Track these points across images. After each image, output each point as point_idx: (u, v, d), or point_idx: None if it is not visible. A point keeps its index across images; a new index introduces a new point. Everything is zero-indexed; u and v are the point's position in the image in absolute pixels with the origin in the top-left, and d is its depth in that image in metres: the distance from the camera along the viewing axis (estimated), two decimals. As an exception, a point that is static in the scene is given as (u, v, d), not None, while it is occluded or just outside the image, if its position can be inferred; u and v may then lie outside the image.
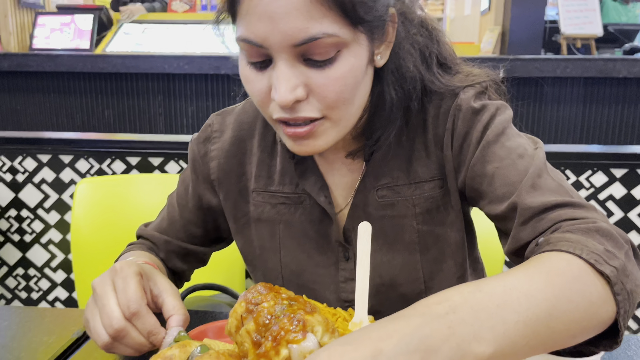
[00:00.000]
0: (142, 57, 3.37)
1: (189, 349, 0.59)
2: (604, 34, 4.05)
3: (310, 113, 0.68)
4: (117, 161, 1.85)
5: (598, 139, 3.30)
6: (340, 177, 0.84)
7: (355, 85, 0.69)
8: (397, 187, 0.81)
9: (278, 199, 0.86)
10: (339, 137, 0.73)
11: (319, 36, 0.64)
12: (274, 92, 0.67)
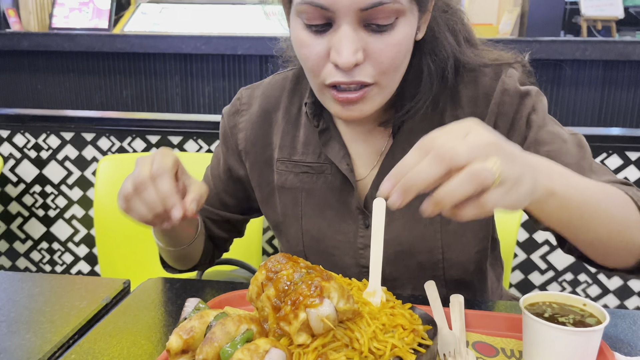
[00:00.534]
0: (159, 37, 3.39)
1: (207, 319, 0.62)
2: (625, 16, 3.97)
3: (365, 78, 0.73)
4: (137, 139, 1.89)
5: (616, 122, 3.26)
6: (364, 147, 0.88)
7: (406, 53, 0.75)
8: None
9: (301, 168, 0.90)
10: (382, 103, 0.78)
11: (385, 1, 0.68)
12: (334, 54, 0.71)
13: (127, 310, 0.82)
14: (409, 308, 0.71)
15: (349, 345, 0.59)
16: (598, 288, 1.86)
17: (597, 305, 0.68)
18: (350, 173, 0.86)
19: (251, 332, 0.57)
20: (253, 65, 3.40)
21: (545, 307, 0.69)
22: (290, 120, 0.91)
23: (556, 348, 0.63)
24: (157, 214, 0.72)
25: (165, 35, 3.45)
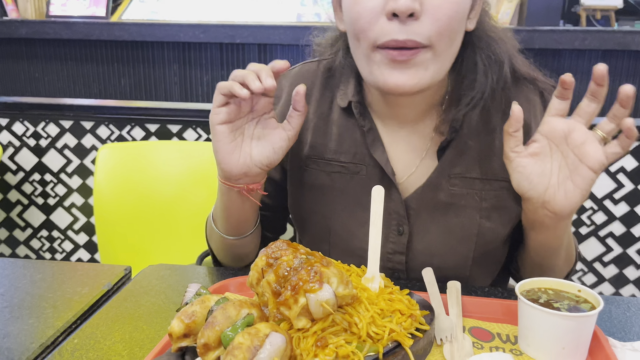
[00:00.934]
0: (157, 25, 3.37)
1: (209, 304, 0.63)
2: (625, 6, 3.95)
3: (419, 37, 0.71)
4: (136, 128, 1.89)
5: (614, 112, 3.27)
6: (403, 151, 0.87)
7: (461, 20, 0.75)
8: (470, 179, 0.85)
9: (333, 168, 0.88)
10: (434, 79, 0.76)
11: None
12: (392, 2, 0.69)
13: (128, 296, 0.83)
14: (407, 294, 0.72)
15: (348, 329, 0.60)
16: (594, 276, 1.87)
17: (592, 291, 0.69)
18: (393, 176, 0.85)
19: (252, 317, 0.58)
20: (252, 54, 3.39)
21: (541, 293, 0.70)
22: (322, 116, 0.89)
23: (551, 333, 0.65)
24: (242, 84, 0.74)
25: (163, 23, 3.43)
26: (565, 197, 0.75)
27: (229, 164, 0.79)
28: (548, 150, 0.76)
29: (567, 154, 0.75)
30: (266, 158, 0.79)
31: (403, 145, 0.87)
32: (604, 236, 1.82)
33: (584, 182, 0.74)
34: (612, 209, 1.79)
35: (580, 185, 0.74)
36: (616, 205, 1.79)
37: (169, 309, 0.79)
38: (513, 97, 0.84)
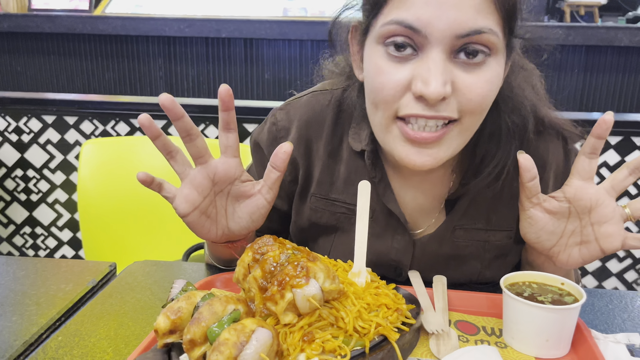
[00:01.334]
0: (141, 19, 3.34)
1: (195, 300, 0.62)
2: (608, 2, 4.00)
3: (450, 113, 0.66)
4: (121, 123, 1.87)
5: (598, 106, 3.31)
6: (411, 199, 0.83)
7: (494, 96, 0.69)
8: (474, 230, 0.82)
9: (339, 208, 0.84)
10: (456, 151, 0.71)
11: (484, 30, 0.63)
12: (419, 84, 0.64)
13: (113, 292, 0.82)
14: (393, 288, 0.72)
15: (334, 324, 0.60)
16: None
17: (575, 284, 0.70)
18: (407, 224, 0.82)
19: (238, 313, 0.58)
20: (238, 49, 3.38)
21: (525, 287, 0.71)
22: (332, 154, 0.84)
23: (535, 325, 0.65)
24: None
25: (147, 17, 3.40)
26: (567, 260, 0.74)
27: (208, 237, 0.76)
28: (567, 213, 0.72)
29: (585, 225, 0.72)
30: (245, 228, 0.75)
31: (413, 193, 0.83)
32: (587, 230, 1.85)
33: (590, 256, 0.73)
34: (595, 203, 1.81)
35: (585, 257, 0.73)
36: (599, 199, 1.81)
37: (154, 306, 0.79)
38: (533, 146, 0.79)
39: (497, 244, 0.83)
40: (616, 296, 0.84)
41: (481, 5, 0.63)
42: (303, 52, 3.35)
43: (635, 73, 3.27)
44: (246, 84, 3.40)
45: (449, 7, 0.62)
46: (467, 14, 0.62)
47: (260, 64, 3.38)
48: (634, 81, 3.25)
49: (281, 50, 3.36)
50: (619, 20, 4.09)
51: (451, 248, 0.83)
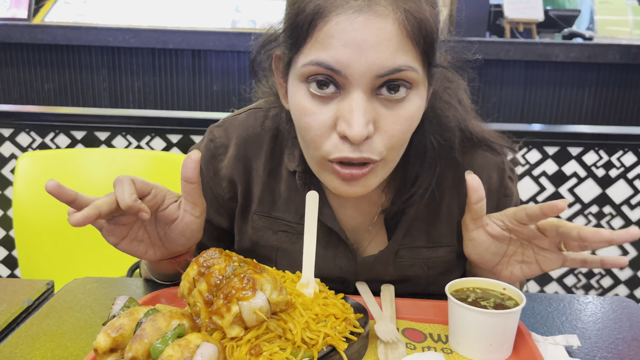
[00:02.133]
0: (84, 28, 3.24)
1: (137, 316, 0.60)
2: (545, 19, 4.20)
3: (373, 155, 0.67)
4: (61, 135, 1.80)
5: (537, 118, 3.47)
6: (350, 217, 0.84)
7: (414, 127, 0.70)
8: (416, 248, 0.83)
9: (280, 226, 0.84)
10: (384, 178, 0.73)
11: (403, 68, 0.64)
12: (343, 126, 0.65)
13: (50, 312, 0.78)
14: (342, 298, 0.72)
15: (282, 336, 0.59)
16: (520, 275, 1.97)
17: (516, 289, 0.72)
18: (347, 240, 0.82)
19: (183, 328, 0.56)
20: (185, 60, 3.33)
21: (469, 292, 0.73)
22: (271, 173, 0.84)
23: (478, 330, 0.67)
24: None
25: (90, 26, 3.30)
26: (509, 276, 0.77)
27: (148, 258, 0.76)
28: (508, 238, 0.75)
29: (526, 248, 0.75)
30: (182, 246, 0.75)
31: (351, 210, 0.84)
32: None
33: (531, 273, 0.76)
34: (535, 210, 1.89)
35: (527, 274, 0.76)
36: (539, 207, 1.89)
37: (95, 324, 0.76)
38: (467, 160, 0.81)
39: (440, 260, 0.85)
40: (555, 300, 0.88)
41: (399, 44, 0.63)
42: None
43: (571, 87, 3.44)
44: (194, 96, 3.35)
45: (367, 48, 0.62)
46: (386, 54, 0.63)
47: (208, 75, 3.34)
48: (570, 94, 3.43)
49: (230, 62, 3.34)
50: (556, 36, 4.31)
51: (396, 269, 0.84)
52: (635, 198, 1.86)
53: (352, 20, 0.62)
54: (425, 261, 0.84)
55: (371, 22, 0.62)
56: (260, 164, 0.84)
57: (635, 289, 1.96)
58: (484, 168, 0.83)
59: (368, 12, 0.62)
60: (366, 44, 0.62)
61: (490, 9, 3.98)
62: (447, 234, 0.84)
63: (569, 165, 1.84)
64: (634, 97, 3.44)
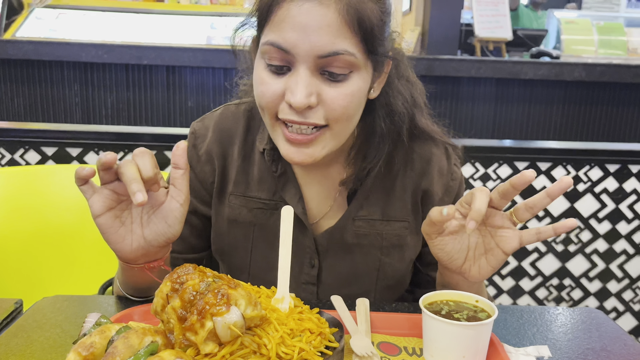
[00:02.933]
0: (56, 44, 3.20)
1: (109, 333, 0.59)
2: (514, 38, 4.33)
3: (317, 120, 0.77)
4: (31, 151, 1.77)
5: (508, 134, 3.55)
6: (317, 191, 0.92)
7: (358, 105, 0.80)
8: (372, 220, 0.91)
9: (255, 204, 0.92)
10: (332, 149, 0.81)
11: (341, 52, 0.74)
12: (289, 95, 0.76)
13: (19, 331, 0.76)
14: (317, 312, 0.72)
15: (257, 351, 0.59)
16: (493, 289, 1.99)
17: (488, 301, 0.73)
18: (304, 216, 0.90)
19: (156, 345, 0.56)
20: (160, 76, 3.31)
21: (443, 305, 0.74)
22: (245, 157, 0.93)
23: (452, 342, 0.68)
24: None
25: (62, 42, 3.27)
26: (478, 271, 0.80)
27: (123, 250, 0.76)
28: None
29: (484, 234, 0.80)
30: (162, 236, 0.76)
31: (316, 187, 0.93)
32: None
33: (496, 261, 0.79)
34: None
35: (493, 264, 0.80)
36: (510, 221, 1.92)
37: (65, 344, 0.74)
38: (416, 149, 0.93)
39: (393, 233, 0.92)
40: (526, 311, 0.89)
41: (339, 30, 0.74)
42: (228, 80, 3.35)
43: (540, 103, 3.54)
44: (168, 111, 3.33)
45: (311, 32, 0.73)
46: (326, 39, 0.74)
47: (183, 91, 3.33)
48: (539, 110, 3.52)
49: (205, 78, 3.34)
50: (524, 55, 4.43)
51: (352, 237, 0.91)
52: (602, 211, 1.91)
53: (300, 7, 0.74)
54: (379, 233, 0.91)
55: (315, 10, 0.73)
56: (235, 149, 0.93)
57: (605, 300, 2.01)
58: (433, 154, 0.93)
59: (313, 1, 0.73)
60: (310, 27, 0.73)
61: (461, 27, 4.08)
62: (400, 210, 0.92)
63: (538, 180, 1.88)
64: (599, 113, 3.55)
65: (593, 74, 3.50)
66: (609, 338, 0.82)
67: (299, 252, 0.91)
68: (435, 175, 0.93)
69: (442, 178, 0.93)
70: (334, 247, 0.92)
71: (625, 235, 1.94)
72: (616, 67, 3.51)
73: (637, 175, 1.88)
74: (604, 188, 1.89)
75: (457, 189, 0.95)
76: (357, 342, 0.71)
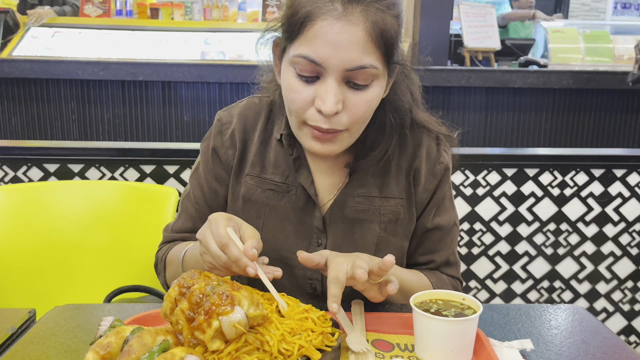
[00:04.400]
0: (52, 62, 3.26)
1: (124, 334, 0.64)
2: (503, 48, 4.41)
3: (339, 126, 0.87)
4: (33, 168, 1.82)
5: (498, 142, 3.62)
6: (325, 179, 1.01)
7: (374, 108, 0.90)
8: (370, 197, 1.00)
9: (268, 185, 1.01)
10: (349, 145, 0.92)
11: (367, 66, 0.83)
12: (320, 102, 0.84)
13: (34, 338, 0.81)
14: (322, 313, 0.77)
15: (260, 348, 0.64)
16: (486, 292, 2.05)
17: (474, 299, 0.79)
18: (316, 197, 0.99)
19: (167, 343, 0.61)
20: (155, 91, 3.37)
21: (432, 304, 0.79)
22: (263, 142, 1.03)
23: (440, 337, 0.73)
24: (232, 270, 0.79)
25: (59, 60, 3.32)
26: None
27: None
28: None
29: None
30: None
31: (326, 172, 1.01)
32: (492, 255, 2.01)
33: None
34: (498, 229, 1.98)
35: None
36: (501, 226, 1.98)
37: (79, 348, 0.78)
38: (411, 135, 1.02)
39: (390, 209, 1.01)
40: (512, 309, 0.94)
41: (365, 47, 0.83)
42: (222, 94, 3.41)
43: (529, 111, 3.62)
44: (164, 126, 3.39)
45: (341, 48, 0.82)
46: (354, 55, 0.82)
47: (178, 106, 3.39)
48: (528, 118, 3.60)
49: (200, 93, 3.40)
50: (513, 64, 4.52)
51: (352, 212, 1.00)
52: (589, 215, 1.97)
53: (332, 25, 0.82)
54: (377, 208, 1.00)
55: (346, 28, 0.82)
56: (256, 135, 1.03)
57: (595, 301, 2.06)
58: (424, 138, 1.02)
59: (344, 20, 0.82)
60: (341, 44, 0.82)
61: (451, 38, 4.17)
62: (395, 188, 1.01)
63: (526, 185, 1.94)
64: (587, 119, 3.63)
65: (580, 82, 3.59)
66: (589, 332, 0.88)
67: (308, 232, 1.00)
68: (424, 157, 1.01)
69: (429, 160, 1.02)
70: (337, 222, 1.00)
71: (612, 237, 2.00)
72: (602, 74, 3.60)
73: (621, 179, 1.95)
74: (590, 192, 1.95)
75: (442, 174, 1.03)
76: (353, 339, 0.76)
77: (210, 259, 0.80)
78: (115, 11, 4.32)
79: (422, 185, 1.01)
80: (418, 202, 1.02)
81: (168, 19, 4.24)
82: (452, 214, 1.05)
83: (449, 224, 1.04)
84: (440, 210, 1.03)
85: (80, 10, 4.21)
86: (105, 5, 4.25)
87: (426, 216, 1.02)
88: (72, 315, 0.89)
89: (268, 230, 1.00)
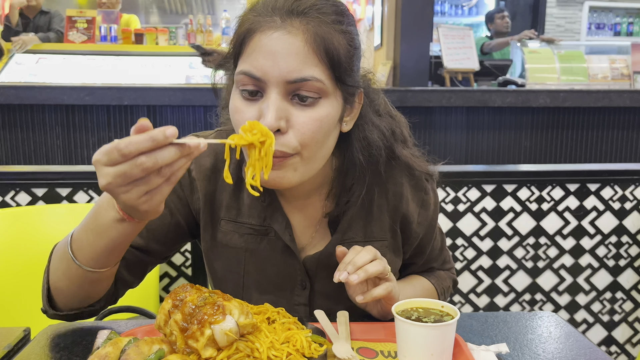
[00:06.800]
0: (37, 87, 3.28)
1: (121, 344, 0.68)
2: (481, 68, 4.54)
3: (285, 148, 0.81)
4: (21, 193, 1.84)
5: (479, 159, 3.70)
6: (301, 218, 0.98)
7: (327, 132, 0.84)
8: (355, 242, 0.97)
9: (246, 229, 0.97)
10: (304, 177, 0.85)
11: (308, 78, 0.80)
12: (262, 119, 0.79)
13: (30, 355, 0.83)
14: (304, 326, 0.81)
15: (251, 355, 0.68)
16: (470, 306, 2.09)
17: (452, 306, 0.83)
18: (292, 243, 0.96)
19: (163, 351, 0.64)
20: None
21: (413, 312, 0.83)
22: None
23: (421, 342, 0.77)
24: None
25: (44, 86, 3.35)
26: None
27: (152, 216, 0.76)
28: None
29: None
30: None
31: (300, 215, 0.98)
32: (475, 269, 2.06)
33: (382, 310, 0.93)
34: (479, 244, 2.04)
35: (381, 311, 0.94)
36: (482, 241, 2.04)
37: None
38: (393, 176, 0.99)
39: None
40: (490, 317, 0.99)
41: (306, 57, 0.80)
42: (207, 117, 3.46)
43: (508, 129, 3.72)
44: (151, 150, 3.41)
45: (279, 58, 0.79)
46: (294, 65, 0.79)
47: (164, 130, 3.42)
48: (508, 136, 3.70)
49: (185, 116, 3.44)
50: (492, 84, 4.65)
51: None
52: (566, 228, 2.04)
53: (269, 36, 0.80)
54: None
55: (283, 38, 0.79)
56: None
57: (575, 312, 2.12)
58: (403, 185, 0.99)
59: (282, 30, 0.80)
60: (279, 54, 0.79)
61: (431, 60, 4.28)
62: (379, 230, 0.99)
63: (505, 201, 2.01)
64: (564, 136, 3.74)
65: (557, 100, 3.70)
66: (563, 335, 0.93)
67: (291, 275, 0.97)
68: (410, 207, 0.99)
69: (416, 198, 1.00)
70: (323, 270, 0.98)
71: (589, 249, 2.06)
72: (578, 92, 3.72)
73: (595, 193, 2.03)
74: (566, 206, 2.03)
75: (431, 216, 1.02)
76: (339, 347, 0.80)
77: (127, 167, 0.71)
78: (100, 37, 4.37)
79: (415, 222, 1.00)
80: (412, 237, 1.02)
81: (153, 43, 4.30)
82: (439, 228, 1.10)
83: (440, 238, 1.10)
84: (433, 234, 1.07)
85: (64, 36, 4.25)
86: (90, 32, 4.30)
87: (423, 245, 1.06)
88: (67, 333, 0.91)
89: (249, 276, 0.97)
